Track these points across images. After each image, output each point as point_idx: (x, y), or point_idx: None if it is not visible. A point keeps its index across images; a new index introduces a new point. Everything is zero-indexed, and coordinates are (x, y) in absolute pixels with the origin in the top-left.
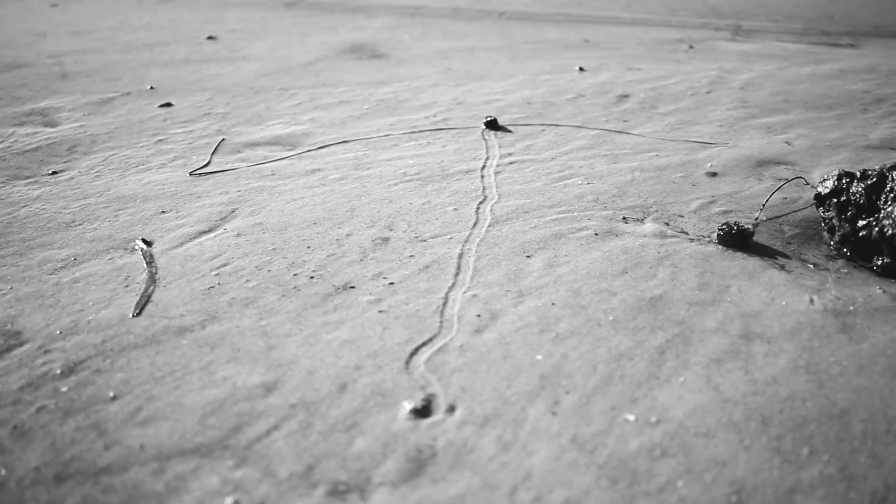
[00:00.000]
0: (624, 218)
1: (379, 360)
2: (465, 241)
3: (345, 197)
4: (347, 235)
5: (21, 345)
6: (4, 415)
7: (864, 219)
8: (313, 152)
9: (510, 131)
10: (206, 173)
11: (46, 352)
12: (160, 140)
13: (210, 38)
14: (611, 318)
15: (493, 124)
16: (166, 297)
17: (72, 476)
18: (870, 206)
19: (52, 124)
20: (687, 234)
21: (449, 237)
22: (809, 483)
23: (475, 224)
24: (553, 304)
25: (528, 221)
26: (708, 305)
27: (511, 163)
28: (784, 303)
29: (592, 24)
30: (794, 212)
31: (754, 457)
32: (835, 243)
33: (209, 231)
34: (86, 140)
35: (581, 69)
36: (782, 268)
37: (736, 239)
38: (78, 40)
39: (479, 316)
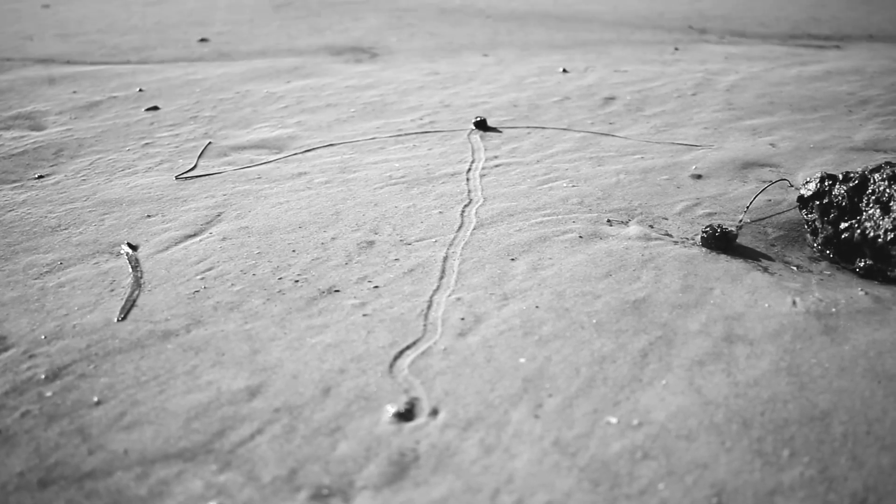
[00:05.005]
0: (608, 220)
1: (363, 363)
2: (450, 245)
3: (330, 200)
4: (333, 239)
5: (6, 349)
6: None
7: (846, 221)
8: (299, 156)
9: (500, 132)
10: (192, 177)
11: (31, 356)
12: (147, 144)
13: (202, 40)
14: (594, 321)
15: (482, 125)
16: (151, 301)
17: (56, 481)
18: (852, 208)
19: (39, 128)
20: (671, 236)
21: (434, 240)
22: (790, 485)
23: (460, 227)
24: (537, 307)
25: (513, 224)
26: (691, 308)
27: (496, 166)
28: (767, 305)
29: (579, 26)
30: (778, 214)
31: (735, 459)
32: (818, 245)
33: (195, 235)
34: (72, 144)
35: (564, 70)
36: (765, 270)
37: (720, 241)
38: (65, 43)
39: (463, 319)
